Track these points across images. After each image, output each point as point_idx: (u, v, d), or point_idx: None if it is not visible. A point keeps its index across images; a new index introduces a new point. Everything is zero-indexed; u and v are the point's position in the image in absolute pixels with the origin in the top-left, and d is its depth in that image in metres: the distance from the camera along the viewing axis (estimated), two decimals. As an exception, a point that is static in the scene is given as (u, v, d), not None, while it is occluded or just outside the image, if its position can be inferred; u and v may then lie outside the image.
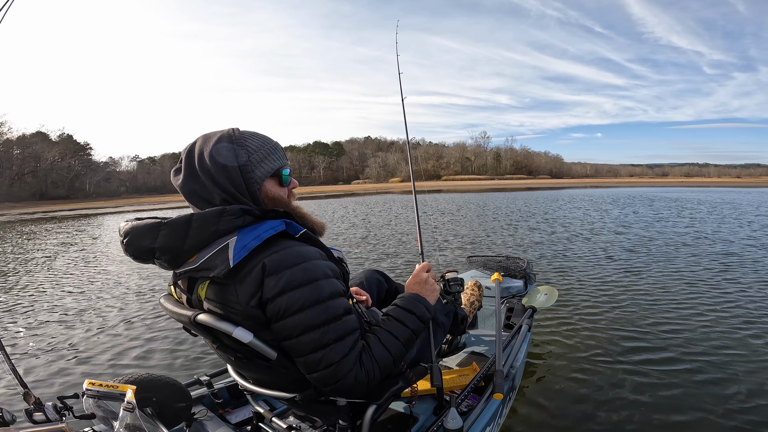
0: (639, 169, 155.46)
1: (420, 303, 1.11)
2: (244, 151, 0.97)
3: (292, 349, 0.91)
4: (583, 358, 2.86)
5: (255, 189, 0.99)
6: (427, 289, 1.18)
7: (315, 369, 0.91)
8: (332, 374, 0.90)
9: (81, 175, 66.19)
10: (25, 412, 0.97)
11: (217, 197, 0.96)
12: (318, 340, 0.89)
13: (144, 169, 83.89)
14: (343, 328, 0.92)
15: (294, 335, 0.89)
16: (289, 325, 0.88)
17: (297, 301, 0.87)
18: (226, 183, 0.95)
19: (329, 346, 0.90)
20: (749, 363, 2.73)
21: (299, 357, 0.91)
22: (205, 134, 1.00)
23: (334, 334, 0.90)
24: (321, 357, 0.89)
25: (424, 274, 1.21)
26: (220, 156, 0.95)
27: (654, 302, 4.08)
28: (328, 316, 0.90)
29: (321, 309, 0.90)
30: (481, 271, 3.40)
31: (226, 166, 0.95)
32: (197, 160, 0.96)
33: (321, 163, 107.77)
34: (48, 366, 3.07)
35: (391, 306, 1.11)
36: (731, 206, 16.82)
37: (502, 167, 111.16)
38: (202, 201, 0.97)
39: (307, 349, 0.89)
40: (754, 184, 66.85)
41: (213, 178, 0.95)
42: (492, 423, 1.58)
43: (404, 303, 1.10)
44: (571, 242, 8.00)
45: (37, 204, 47.23)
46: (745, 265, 5.71)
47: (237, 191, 0.97)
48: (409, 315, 1.08)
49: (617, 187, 52.76)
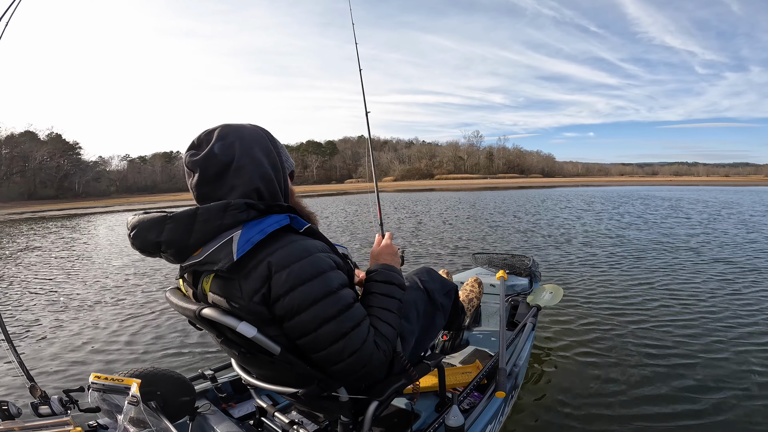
0: (629, 168, 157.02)
1: (395, 272, 1.14)
2: (279, 145, 1.04)
3: (311, 344, 0.91)
4: (588, 357, 2.86)
5: (287, 180, 1.05)
6: (396, 261, 1.21)
7: (339, 359, 0.91)
8: (357, 361, 0.92)
9: (70, 175, 65.26)
10: (31, 405, 0.97)
11: (245, 188, 0.95)
12: (337, 330, 0.90)
13: (134, 169, 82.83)
14: (357, 315, 0.94)
15: (311, 329, 0.89)
16: (305, 320, 0.88)
17: (310, 295, 0.87)
18: (269, 171, 0.98)
19: (348, 334, 0.90)
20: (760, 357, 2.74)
21: (320, 351, 0.91)
22: (230, 124, 0.99)
23: (351, 322, 0.92)
24: (343, 346, 0.90)
25: (393, 246, 1.25)
26: (263, 144, 0.99)
27: (659, 300, 4.09)
28: (342, 306, 0.91)
29: (335, 299, 0.90)
30: (486, 268, 3.37)
31: (270, 153, 0.99)
32: (238, 150, 0.95)
33: (314, 162, 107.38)
34: (54, 359, 3.09)
35: (370, 282, 1.12)
36: (702, 204, 17.09)
37: (495, 166, 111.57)
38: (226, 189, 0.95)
39: (328, 341, 0.90)
40: (741, 183, 67.91)
41: (258, 164, 0.97)
42: (494, 421, 1.59)
43: (383, 277, 1.11)
44: (570, 242, 8.05)
45: (26, 204, 46.52)
46: (744, 266, 5.79)
47: (276, 179, 1.00)
48: (391, 286, 1.09)
49: (608, 185, 53.35)
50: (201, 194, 0.96)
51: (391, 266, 1.15)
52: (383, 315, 1.03)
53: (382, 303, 1.06)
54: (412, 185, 67.88)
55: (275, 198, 1.00)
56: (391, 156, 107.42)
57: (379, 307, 1.05)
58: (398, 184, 77.50)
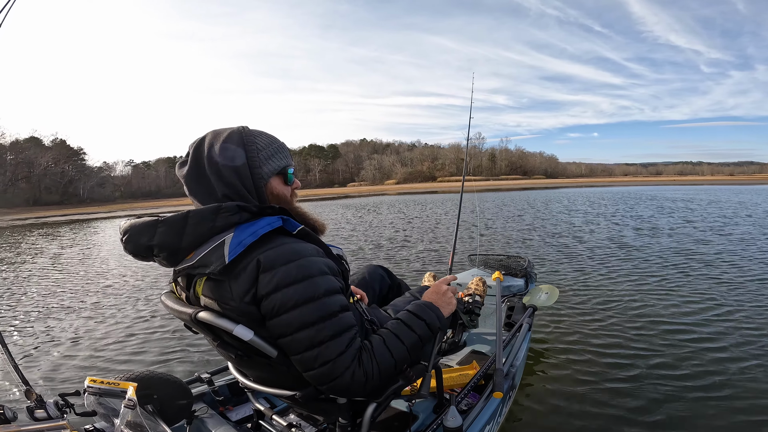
0: (633, 168, 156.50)
1: (432, 312, 1.10)
2: (254, 147, 1.00)
3: (287, 346, 0.91)
4: (584, 356, 2.86)
5: (261, 185, 1.00)
6: (444, 301, 1.16)
7: (311, 366, 0.90)
8: (328, 372, 0.89)
9: (75, 181, 65.81)
10: (27, 409, 0.97)
11: (219, 192, 0.97)
12: (313, 338, 0.88)
13: (139, 174, 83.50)
14: (339, 325, 0.91)
15: (289, 332, 0.89)
16: (284, 322, 0.88)
17: (291, 298, 0.87)
18: (234, 178, 0.96)
19: (324, 343, 0.89)
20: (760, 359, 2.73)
21: (295, 354, 0.91)
22: (214, 130, 1.01)
23: (330, 331, 0.89)
24: (316, 354, 0.89)
25: (444, 286, 1.20)
26: (230, 151, 0.96)
27: (656, 300, 4.09)
28: (323, 313, 0.90)
29: (316, 306, 0.89)
30: (482, 269, 3.38)
31: (234, 160, 0.96)
32: (206, 154, 0.97)
33: (317, 166, 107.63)
34: (49, 363, 3.09)
35: (403, 311, 1.10)
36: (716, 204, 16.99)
37: (497, 168, 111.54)
38: (206, 195, 0.98)
39: (303, 347, 0.89)
40: (747, 181, 67.46)
41: (219, 172, 0.96)
42: (492, 422, 1.58)
43: (416, 309, 1.09)
44: (570, 241, 8.03)
45: (30, 210, 46.83)
46: (741, 266, 5.75)
47: (243, 186, 0.98)
48: (419, 321, 1.06)
49: (610, 186, 53.17)
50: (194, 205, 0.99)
51: (434, 305, 1.12)
52: (390, 340, 1.00)
53: (397, 330, 1.03)
54: (414, 188, 67.83)
55: (244, 201, 0.98)
56: (393, 159, 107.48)
57: (391, 331, 1.02)
58: (400, 187, 77.49)
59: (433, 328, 1.08)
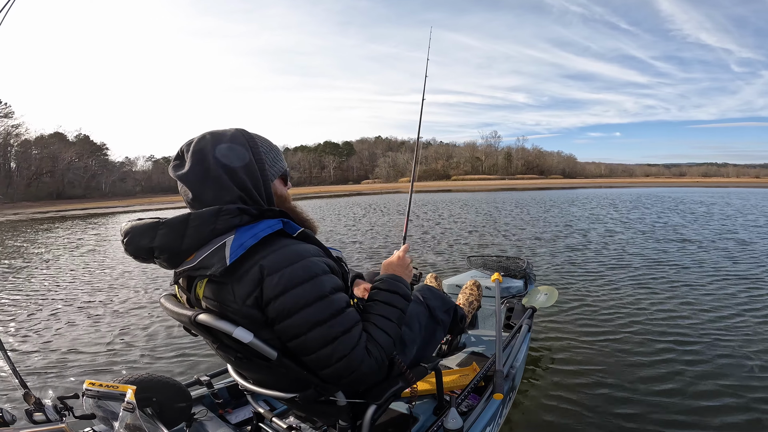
0: (655, 168, 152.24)
1: (401, 282, 1.13)
2: (258, 149, 1.02)
3: (301, 347, 0.92)
4: (584, 357, 2.86)
5: (269, 186, 1.02)
6: (407, 273, 1.20)
7: (327, 364, 0.92)
8: (345, 366, 0.92)
9: (97, 175, 67.58)
10: (26, 412, 0.98)
11: (229, 193, 0.96)
12: (326, 335, 0.90)
13: (159, 169, 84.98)
14: (348, 320, 0.94)
15: (302, 333, 0.90)
16: (296, 323, 0.89)
17: (301, 298, 0.88)
18: (245, 179, 0.97)
19: (338, 339, 0.91)
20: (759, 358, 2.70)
21: (310, 354, 0.92)
22: (212, 131, 1.00)
23: (341, 327, 0.92)
24: (332, 351, 0.91)
25: (408, 259, 1.24)
26: (239, 152, 0.97)
27: (655, 301, 4.08)
28: (333, 310, 0.92)
29: (326, 304, 0.91)
30: (481, 271, 3.40)
31: (245, 161, 0.97)
32: (212, 155, 0.95)
33: (331, 162, 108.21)
34: (48, 366, 3.08)
35: (374, 290, 1.12)
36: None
37: (513, 167, 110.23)
38: (213, 196, 0.96)
39: (317, 345, 0.91)
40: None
41: (233, 173, 0.96)
42: (492, 423, 1.59)
43: (387, 285, 1.11)
44: (570, 241, 7.97)
45: (54, 203, 48.25)
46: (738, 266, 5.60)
47: (254, 187, 0.99)
48: (395, 296, 1.09)
49: (630, 187, 51.85)
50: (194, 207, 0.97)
51: (398, 276, 1.15)
52: (380, 322, 1.02)
53: (381, 311, 1.05)
54: (428, 186, 67.51)
55: (256, 204, 0.99)
56: (407, 157, 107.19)
57: (377, 314, 1.04)
58: (414, 185, 77.16)
59: (407, 297, 1.12)
